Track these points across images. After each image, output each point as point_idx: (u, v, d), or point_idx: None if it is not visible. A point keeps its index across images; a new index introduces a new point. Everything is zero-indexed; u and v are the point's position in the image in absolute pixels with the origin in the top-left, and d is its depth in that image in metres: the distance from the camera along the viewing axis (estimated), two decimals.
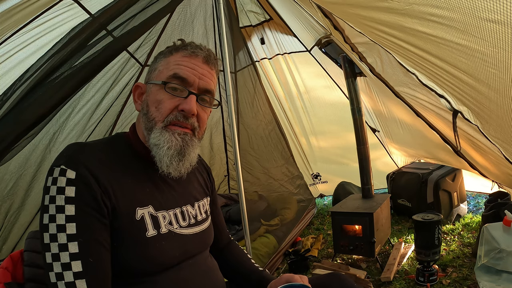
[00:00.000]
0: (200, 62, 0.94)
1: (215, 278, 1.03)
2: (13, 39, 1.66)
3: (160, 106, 0.90)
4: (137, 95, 0.99)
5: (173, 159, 0.89)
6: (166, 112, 0.90)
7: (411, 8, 1.07)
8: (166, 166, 0.90)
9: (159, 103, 0.91)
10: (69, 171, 0.78)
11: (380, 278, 2.22)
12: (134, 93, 0.99)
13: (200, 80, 0.94)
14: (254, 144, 3.16)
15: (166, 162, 0.89)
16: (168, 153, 0.88)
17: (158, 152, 0.89)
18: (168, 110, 0.90)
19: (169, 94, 0.91)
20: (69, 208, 0.76)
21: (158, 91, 0.92)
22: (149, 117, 0.91)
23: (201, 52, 0.95)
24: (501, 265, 1.82)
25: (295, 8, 2.82)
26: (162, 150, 0.88)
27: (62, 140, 2.51)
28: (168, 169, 0.90)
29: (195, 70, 0.93)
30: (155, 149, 0.89)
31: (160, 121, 0.90)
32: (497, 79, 1.11)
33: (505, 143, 1.69)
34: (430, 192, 3.03)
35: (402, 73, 1.98)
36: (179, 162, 0.91)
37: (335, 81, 3.67)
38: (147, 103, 0.93)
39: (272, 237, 2.74)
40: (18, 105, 1.46)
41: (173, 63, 0.93)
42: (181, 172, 0.93)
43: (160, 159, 0.89)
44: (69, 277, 0.74)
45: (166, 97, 0.91)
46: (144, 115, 0.93)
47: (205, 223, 1.06)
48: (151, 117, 0.91)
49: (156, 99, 0.91)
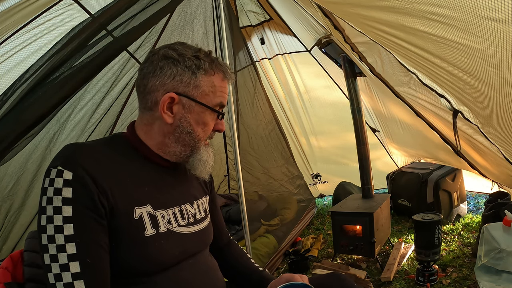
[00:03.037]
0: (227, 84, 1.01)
1: (215, 278, 1.03)
2: (13, 39, 1.66)
3: (206, 128, 0.98)
4: (166, 106, 0.92)
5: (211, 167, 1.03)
6: (209, 133, 1.00)
7: (412, 7, 1.07)
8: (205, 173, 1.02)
9: (205, 125, 0.97)
10: (66, 172, 0.78)
11: (380, 278, 2.22)
12: (165, 104, 0.91)
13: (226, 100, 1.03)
14: (254, 144, 3.16)
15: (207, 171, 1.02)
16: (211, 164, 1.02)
17: (200, 165, 0.99)
18: (211, 132, 1.01)
19: (213, 117, 0.98)
20: (66, 209, 0.76)
21: (204, 113, 0.96)
22: (195, 137, 0.96)
23: (230, 76, 1.01)
24: (501, 265, 1.81)
25: (295, 8, 2.82)
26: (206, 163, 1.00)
27: (62, 140, 2.51)
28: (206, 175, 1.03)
29: (227, 94, 1.01)
30: (198, 162, 0.99)
31: (204, 140, 0.99)
32: (498, 79, 1.10)
33: (505, 143, 1.68)
34: (430, 192, 3.03)
35: (402, 72, 1.98)
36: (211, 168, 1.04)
37: (335, 81, 3.67)
38: (190, 123, 0.94)
39: (272, 237, 2.74)
40: (18, 105, 1.45)
41: (218, 89, 0.97)
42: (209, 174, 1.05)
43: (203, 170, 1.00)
44: (67, 278, 0.74)
45: (211, 120, 0.98)
46: (185, 133, 0.95)
47: (204, 221, 1.06)
48: (197, 138, 0.97)
49: (203, 121, 0.96)
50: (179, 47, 0.93)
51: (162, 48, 0.94)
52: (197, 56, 0.93)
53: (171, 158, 0.97)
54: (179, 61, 0.91)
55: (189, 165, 1.00)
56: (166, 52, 0.92)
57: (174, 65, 0.91)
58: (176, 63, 0.91)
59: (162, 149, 0.96)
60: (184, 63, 0.91)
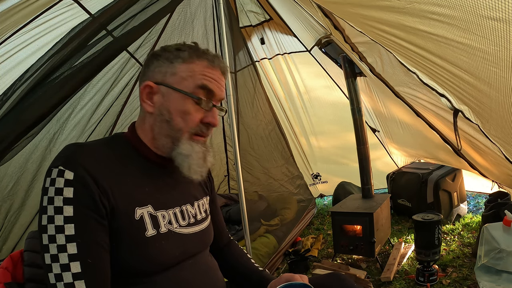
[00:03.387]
0: (219, 73, 0.97)
1: (215, 278, 1.03)
2: (13, 39, 1.66)
3: (187, 118, 0.92)
4: (146, 95, 0.94)
5: (199, 166, 0.95)
6: (193, 125, 0.93)
7: (412, 7, 1.07)
8: (194, 173, 0.94)
9: (186, 114, 0.92)
10: (67, 172, 0.78)
11: (380, 278, 2.21)
12: (143, 92, 0.94)
13: (221, 92, 0.97)
14: (254, 144, 3.16)
15: (195, 170, 0.94)
16: (198, 163, 0.94)
17: (186, 161, 0.93)
18: (196, 123, 0.94)
19: (196, 106, 0.92)
20: (67, 209, 0.76)
21: (184, 101, 0.92)
22: (174, 127, 0.92)
23: (219, 63, 0.97)
24: (501, 265, 1.81)
25: (295, 8, 2.82)
26: (192, 160, 0.93)
27: (62, 140, 2.51)
28: (196, 175, 0.95)
29: (218, 83, 0.96)
30: (182, 157, 0.92)
31: (187, 132, 0.93)
32: (499, 78, 1.10)
33: (505, 143, 1.69)
34: (430, 192, 3.03)
35: (402, 72, 1.98)
36: (202, 168, 0.96)
37: (335, 81, 3.67)
38: (169, 111, 0.92)
39: (272, 237, 2.74)
40: (18, 105, 1.45)
41: (198, 72, 0.92)
42: (203, 175, 0.98)
43: (188, 167, 0.93)
44: (68, 278, 0.74)
45: (193, 109, 0.92)
46: (165, 122, 0.92)
47: (205, 222, 1.06)
48: (176, 127, 0.92)
49: (182, 110, 0.92)
50: (167, 45, 0.97)
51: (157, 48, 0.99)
52: (179, 48, 0.95)
53: (163, 153, 0.95)
54: (160, 55, 0.94)
55: (176, 163, 0.94)
56: (155, 51, 0.97)
57: (156, 60, 0.95)
58: (158, 57, 0.95)
59: (154, 144, 0.95)
60: (165, 56, 0.94)
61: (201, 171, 0.96)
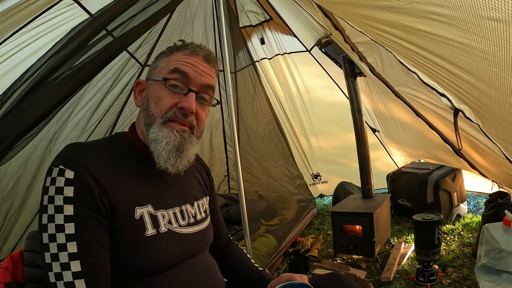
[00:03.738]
0: (201, 60, 0.96)
1: (215, 278, 1.03)
2: (13, 39, 1.66)
3: (160, 102, 0.91)
4: (137, 92, 1.00)
5: (171, 154, 0.90)
6: (165, 109, 0.91)
7: (412, 7, 1.07)
8: (164, 161, 0.89)
9: (159, 99, 0.92)
10: (68, 171, 0.78)
11: (380, 278, 2.21)
12: (135, 89, 1.00)
13: (201, 77, 0.95)
14: (254, 144, 3.16)
15: (164, 157, 0.89)
16: (166, 148, 0.89)
17: (156, 147, 0.89)
18: (168, 106, 0.91)
19: (169, 90, 0.92)
20: (67, 208, 0.76)
21: (159, 87, 0.93)
22: (148, 113, 0.92)
23: (202, 51, 0.97)
24: (501, 265, 1.81)
25: (295, 8, 2.82)
26: (160, 145, 0.89)
27: (62, 140, 2.51)
28: (166, 164, 0.90)
29: (196, 67, 0.95)
30: (153, 144, 0.90)
31: (159, 117, 0.91)
32: (499, 78, 1.10)
33: (506, 142, 1.68)
34: (430, 192, 3.03)
35: (402, 72, 1.98)
36: (177, 158, 0.91)
37: (335, 81, 3.67)
38: (147, 99, 0.95)
39: (272, 237, 2.73)
40: (18, 105, 1.45)
41: (174, 60, 0.95)
42: (179, 168, 0.93)
43: (158, 154, 0.89)
44: (68, 277, 0.74)
45: (166, 93, 0.92)
46: (143, 110, 0.95)
47: (205, 222, 1.06)
48: (150, 113, 0.92)
49: (156, 95, 0.92)
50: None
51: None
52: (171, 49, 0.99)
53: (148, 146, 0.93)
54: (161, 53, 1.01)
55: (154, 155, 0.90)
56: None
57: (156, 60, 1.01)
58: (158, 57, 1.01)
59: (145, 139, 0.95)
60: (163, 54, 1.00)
61: (175, 162, 0.91)
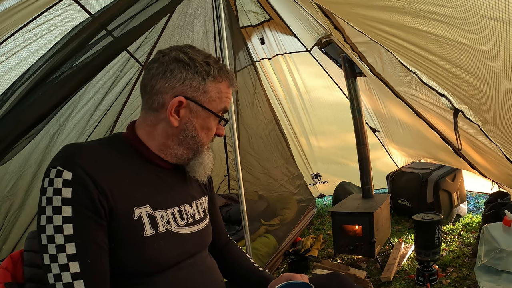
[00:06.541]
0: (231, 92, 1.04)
1: (214, 278, 1.03)
2: (13, 39, 1.66)
3: (209, 133, 1.00)
4: (175, 109, 0.92)
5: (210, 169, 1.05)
6: (211, 138, 1.02)
7: (412, 7, 1.07)
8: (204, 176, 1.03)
9: (209, 130, 0.99)
10: (66, 172, 0.78)
11: (380, 278, 2.21)
12: (173, 106, 0.90)
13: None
14: (254, 144, 3.16)
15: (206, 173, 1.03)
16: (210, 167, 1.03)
17: (201, 168, 1.01)
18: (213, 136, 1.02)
19: (216, 123, 1.00)
20: (65, 209, 0.76)
21: (209, 118, 0.97)
22: (198, 142, 0.97)
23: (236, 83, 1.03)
24: (501, 265, 1.81)
25: (295, 8, 2.82)
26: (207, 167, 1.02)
27: (62, 140, 2.51)
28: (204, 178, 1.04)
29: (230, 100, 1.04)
30: (198, 166, 1.01)
31: (206, 144, 1.01)
32: (499, 78, 1.10)
33: (505, 142, 1.68)
34: (430, 192, 3.03)
35: (402, 72, 1.98)
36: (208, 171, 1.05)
37: (335, 81, 3.67)
38: (195, 127, 0.95)
39: (272, 237, 2.73)
40: (18, 105, 1.45)
41: (224, 94, 0.98)
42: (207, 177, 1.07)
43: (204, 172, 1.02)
44: (67, 278, 0.74)
45: (214, 126, 1.00)
46: (190, 137, 0.95)
47: (203, 222, 1.06)
48: (200, 142, 0.98)
49: (207, 127, 0.98)
50: (190, 51, 0.93)
51: (172, 50, 0.93)
52: (207, 62, 0.94)
53: (171, 160, 0.97)
54: (190, 66, 0.91)
55: (189, 168, 1.01)
56: (177, 54, 0.91)
57: (184, 69, 0.91)
58: (187, 67, 0.91)
59: (164, 151, 0.96)
60: (195, 68, 0.92)
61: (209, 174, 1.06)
